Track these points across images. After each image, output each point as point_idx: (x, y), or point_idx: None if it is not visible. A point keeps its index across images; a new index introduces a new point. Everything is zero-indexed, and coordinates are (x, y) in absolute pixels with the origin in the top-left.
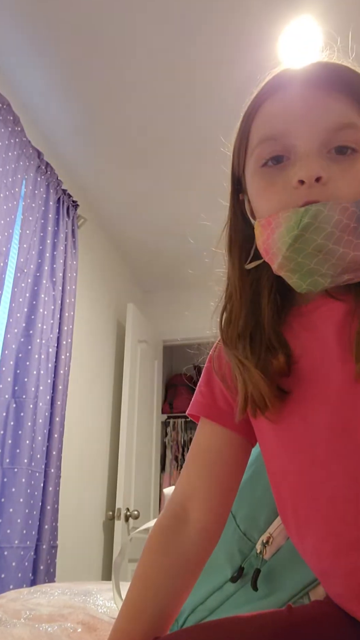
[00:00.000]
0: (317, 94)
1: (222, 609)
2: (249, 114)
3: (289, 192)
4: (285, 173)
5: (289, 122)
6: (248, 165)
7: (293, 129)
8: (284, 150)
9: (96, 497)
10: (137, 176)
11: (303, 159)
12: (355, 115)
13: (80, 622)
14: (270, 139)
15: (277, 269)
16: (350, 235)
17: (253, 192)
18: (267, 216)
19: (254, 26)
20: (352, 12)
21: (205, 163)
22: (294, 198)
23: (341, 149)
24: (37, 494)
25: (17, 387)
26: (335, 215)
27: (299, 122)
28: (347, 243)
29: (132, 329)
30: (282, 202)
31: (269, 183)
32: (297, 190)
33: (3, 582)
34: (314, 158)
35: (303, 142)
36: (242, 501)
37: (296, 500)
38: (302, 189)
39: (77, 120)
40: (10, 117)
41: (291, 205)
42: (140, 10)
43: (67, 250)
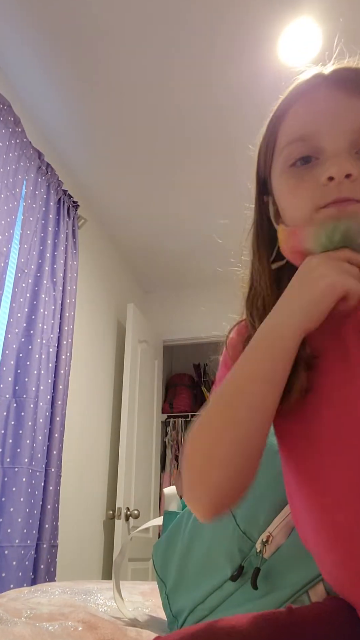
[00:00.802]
0: (344, 97)
1: (222, 607)
2: (277, 116)
3: (318, 189)
4: (314, 172)
5: (317, 124)
6: (275, 166)
7: (322, 130)
8: (312, 151)
9: (96, 497)
10: (137, 177)
11: (332, 158)
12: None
13: (80, 621)
14: (299, 140)
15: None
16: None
17: (280, 191)
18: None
19: (254, 27)
20: (351, 14)
21: (206, 164)
22: (324, 195)
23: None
24: (37, 493)
25: (17, 387)
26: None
27: (328, 123)
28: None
29: (132, 329)
30: (311, 199)
31: (298, 181)
32: (327, 187)
33: (4, 581)
34: (343, 157)
35: (331, 143)
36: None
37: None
38: (332, 186)
39: (77, 121)
40: (11, 118)
41: (320, 202)
42: (140, 11)
43: (67, 251)
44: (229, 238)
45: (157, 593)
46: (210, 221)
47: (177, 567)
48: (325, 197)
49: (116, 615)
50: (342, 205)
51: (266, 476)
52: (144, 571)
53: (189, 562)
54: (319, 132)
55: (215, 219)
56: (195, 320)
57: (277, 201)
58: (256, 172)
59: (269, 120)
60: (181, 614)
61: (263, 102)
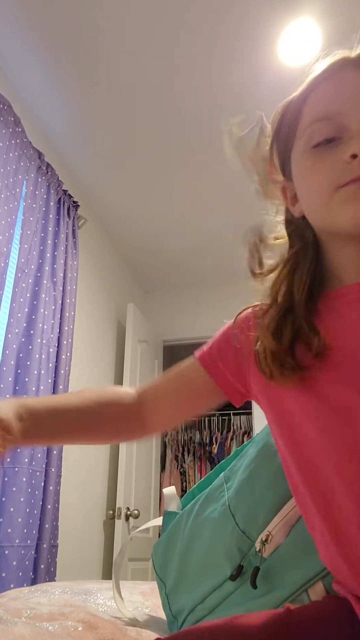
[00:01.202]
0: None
1: (221, 607)
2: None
3: (338, 167)
4: (335, 150)
5: (343, 102)
6: (296, 148)
7: (348, 109)
8: (336, 131)
9: (96, 497)
10: (137, 177)
11: (356, 137)
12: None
13: (80, 621)
14: (324, 119)
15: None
16: None
17: (298, 173)
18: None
19: (254, 27)
20: (351, 14)
21: (206, 164)
22: (344, 173)
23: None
24: (37, 493)
25: (17, 387)
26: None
27: (353, 102)
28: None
29: (132, 328)
30: (329, 177)
31: (319, 160)
32: (349, 165)
33: (4, 581)
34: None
35: (356, 121)
36: (241, 500)
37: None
38: (355, 164)
39: (77, 121)
40: (11, 118)
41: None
42: (140, 12)
43: (67, 251)
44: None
45: (157, 593)
46: (210, 221)
47: (176, 567)
48: (345, 174)
49: (116, 615)
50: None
51: (265, 476)
52: (144, 571)
53: (188, 562)
54: (345, 110)
55: (215, 219)
56: (195, 320)
57: (295, 186)
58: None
59: (290, 102)
60: (181, 613)
61: (263, 102)
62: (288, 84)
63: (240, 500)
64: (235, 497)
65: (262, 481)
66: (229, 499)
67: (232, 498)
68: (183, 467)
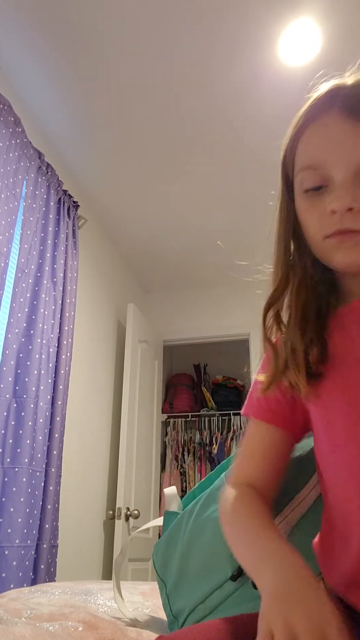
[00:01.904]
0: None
1: (222, 607)
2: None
3: (324, 219)
4: (323, 199)
5: (327, 153)
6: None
7: (331, 159)
8: (322, 180)
9: (96, 497)
10: (137, 177)
11: (338, 189)
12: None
13: (81, 621)
14: (311, 168)
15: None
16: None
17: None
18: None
19: (254, 27)
20: (351, 14)
21: (207, 164)
22: (329, 224)
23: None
24: (37, 493)
25: (18, 387)
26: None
27: (336, 153)
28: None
29: (132, 329)
30: (319, 226)
31: (310, 206)
32: (331, 217)
33: (4, 581)
34: (348, 188)
35: (339, 172)
36: None
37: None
38: (335, 218)
39: (77, 121)
40: (11, 118)
41: (326, 231)
42: (141, 12)
43: (67, 251)
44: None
45: (157, 593)
46: (211, 221)
47: (177, 567)
48: (330, 226)
49: (116, 615)
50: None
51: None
52: (144, 571)
53: (189, 562)
54: (328, 161)
55: (216, 219)
56: (195, 320)
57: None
58: (282, 172)
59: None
60: (181, 613)
61: (263, 101)
62: (288, 84)
63: None
64: None
65: None
66: None
67: None
68: (183, 467)
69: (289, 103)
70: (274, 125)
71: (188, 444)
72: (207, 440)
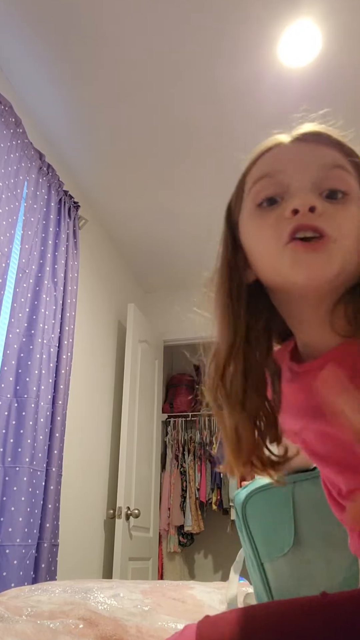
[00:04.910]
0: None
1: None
2: (245, 172)
3: (281, 223)
4: (278, 208)
5: (283, 163)
6: (243, 210)
7: (287, 168)
8: (277, 189)
9: (97, 496)
10: (137, 177)
11: (298, 192)
12: (345, 161)
13: (81, 618)
14: (266, 177)
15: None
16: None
17: (247, 233)
18: (261, 265)
19: (254, 28)
20: (350, 16)
21: (207, 164)
22: (286, 226)
23: (332, 193)
24: (38, 492)
25: (18, 387)
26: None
27: (293, 162)
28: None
29: (132, 329)
30: (276, 232)
31: (263, 220)
32: (290, 220)
33: (5, 580)
34: (308, 192)
35: (296, 180)
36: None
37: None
38: (295, 218)
39: (78, 122)
40: (12, 119)
41: (284, 234)
42: (141, 12)
43: (68, 251)
44: None
45: (156, 591)
46: (211, 221)
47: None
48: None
49: (117, 614)
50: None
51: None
52: (144, 570)
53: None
54: (285, 169)
55: (216, 219)
56: (195, 320)
57: (245, 247)
58: (226, 227)
59: (240, 177)
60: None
61: (263, 102)
62: (288, 85)
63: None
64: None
65: None
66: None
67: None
68: (183, 467)
69: (289, 104)
70: (274, 127)
71: (188, 443)
72: (207, 440)
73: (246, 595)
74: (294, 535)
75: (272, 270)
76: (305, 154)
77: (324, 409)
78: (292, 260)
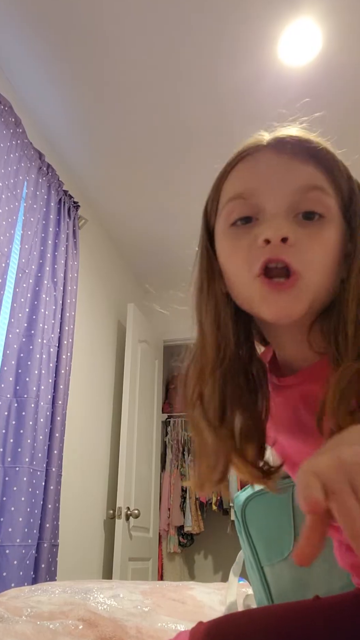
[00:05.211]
0: (285, 159)
1: None
2: (221, 176)
3: (253, 250)
4: (251, 232)
5: (257, 183)
6: (218, 224)
7: (262, 189)
8: (252, 210)
9: (97, 496)
10: (138, 177)
11: (270, 219)
12: (323, 180)
13: (81, 619)
14: (239, 198)
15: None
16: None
17: (221, 251)
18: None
19: (254, 28)
20: (350, 15)
21: (208, 164)
22: (258, 256)
23: (308, 214)
24: (38, 492)
25: (18, 387)
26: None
27: (268, 183)
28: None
29: (132, 328)
30: (247, 261)
31: (236, 242)
32: (262, 249)
33: (4, 580)
34: (281, 219)
35: (271, 203)
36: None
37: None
38: (267, 248)
39: (78, 122)
40: (12, 118)
41: (254, 264)
42: (141, 11)
43: (68, 251)
44: None
45: (156, 592)
46: None
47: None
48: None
49: (116, 615)
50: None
51: None
52: (144, 571)
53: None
54: (259, 191)
55: None
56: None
57: (220, 262)
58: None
59: (215, 179)
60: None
61: (263, 101)
62: (288, 84)
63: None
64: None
65: None
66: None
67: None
68: (183, 467)
69: (289, 103)
70: (274, 124)
71: (188, 443)
72: None
73: (246, 597)
74: (294, 540)
75: (243, 299)
76: (281, 173)
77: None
78: (260, 298)
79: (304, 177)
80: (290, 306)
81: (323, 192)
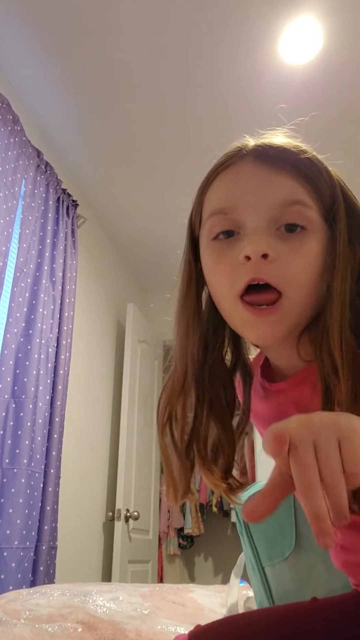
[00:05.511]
0: (266, 171)
1: None
2: (203, 186)
3: (236, 268)
4: (234, 247)
5: (238, 197)
6: (202, 236)
7: (242, 204)
8: (233, 225)
9: (96, 498)
10: (137, 176)
11: (251, 235)
12: (304, 193)
13: (80, 622)
14: (220, 213)
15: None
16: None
17: (205, 264)
18: (217, 294)
19: (255, 25)
20: (351, 13)
21: (208, 162)
22: (240, 275)
23: (290, 226)
24: (36, 494)
25: (16, 387)
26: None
27: (248, 197)
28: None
29: (132, 328)
30: (230, 285)
31: (219, 257)
32: (244, 266)
33: (3, 583)
34: (262, 234)
35: (252, 218)
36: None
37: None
38: (249, 265)
39: (77, 120)
40: (10, 116)
41: (238, 285)
42: (140, 10)
43: (66, 250)
44: None
45: (156, 594)
46: None
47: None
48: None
49: (116, 617)
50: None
51: None
52: (144, 573)
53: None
54: (240, 205)
55: None
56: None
57: (205, 274)
58: (189, 235)
59: (199, 188)
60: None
61: (264, 99)
62: (289, 82)
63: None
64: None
65: None
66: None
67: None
68: None
69: (290, 101)
70: (275, 123)
71: None
72: None
73: (247, 599)
74: (295, 540)
75: (227, 317)
76: (261, 187)
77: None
78: (242, 321)
79: (284, 191)
80: (272, 330)
81: (304, 206)
